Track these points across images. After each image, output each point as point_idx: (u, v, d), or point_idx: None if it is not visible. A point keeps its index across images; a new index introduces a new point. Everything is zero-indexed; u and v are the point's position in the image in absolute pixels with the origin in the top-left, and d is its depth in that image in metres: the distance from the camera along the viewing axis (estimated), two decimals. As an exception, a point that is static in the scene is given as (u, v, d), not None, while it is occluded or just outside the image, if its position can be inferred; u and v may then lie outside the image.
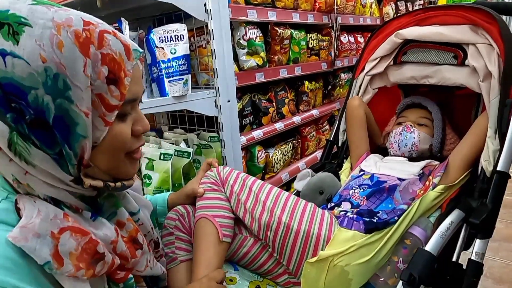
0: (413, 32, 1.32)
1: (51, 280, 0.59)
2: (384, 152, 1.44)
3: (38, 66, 0.54)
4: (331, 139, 1.56)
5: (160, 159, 1.56)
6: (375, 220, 1.03)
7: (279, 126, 2.26)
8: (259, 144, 2.19)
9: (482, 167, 1.11)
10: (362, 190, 1.17)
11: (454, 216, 1.02)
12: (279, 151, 2.33)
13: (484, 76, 1.15)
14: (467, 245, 1.06)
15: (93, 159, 0.64)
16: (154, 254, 0.87)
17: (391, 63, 1.41)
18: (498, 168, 1.05)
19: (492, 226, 1.01)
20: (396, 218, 1.04)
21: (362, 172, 1.27)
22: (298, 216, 1.01)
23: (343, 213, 1.08)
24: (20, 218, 0.58)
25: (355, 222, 1.02)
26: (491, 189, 1.04)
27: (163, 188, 1.55)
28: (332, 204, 1.17)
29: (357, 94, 1.53)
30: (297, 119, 2.44)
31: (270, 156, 2.25)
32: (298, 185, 1.29)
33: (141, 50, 0.69)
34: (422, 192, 1.15)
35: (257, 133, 2.10)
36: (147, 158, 1.56)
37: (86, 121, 0.59)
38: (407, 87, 1.59)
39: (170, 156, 1.55)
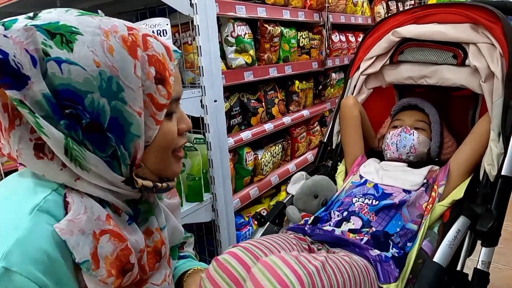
0: (411, 30, 1.29)
1: (75, 285, 0.60)
2: (378, 155, 1.40)
3: (93, 70, 0.58)
4: (324, 140, 1.52)
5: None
6: (397, 255, 0.98)
7: (268, 127, 2.22)
8: (248, 146, 2.14)
9: (485, 171, 1.09)
10: (368, 200, 1.13)
11: (460, 223, 0.99)
12: (269, 153, 2.29)
13: (486, 76, 1.13)
14: (469, 252, 1.04)
15: (143, 159, 0.67)
16: None
17: (387, 62, 1.38)
18: (503, 173, 1.03)
19: (498, 234, 0.99)
20: (408, 244, 1.02)
21: (364, 180, 1.23)
22: None
23: (359, 238, 1.03)
24: (67, 212, 0.60)
25: (388, 271, 0.95)
26: (496, 194, 1.02)
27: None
28: (338, 218, 1.11)
29: (352, 94, 1.49)
30: (287, 119, 2.39)
31: (259, 158, 2.21)
32: (291, 189, 1.25)
33: (180, 51, 0.72)
34: (430, 206, 1.12)
35: (246, 134, 2.05)
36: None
37: (139, 120, 0.63)
38: (402, 88, 1.57)
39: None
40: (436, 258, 0.91)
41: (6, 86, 0.55)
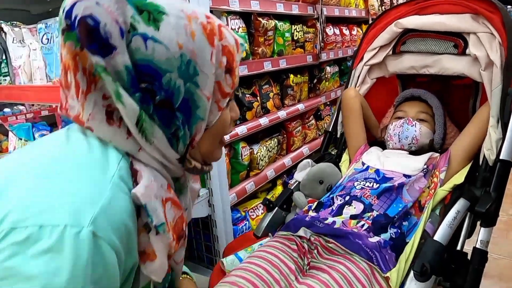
0: (413, 21, 1.38)
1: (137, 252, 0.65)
2: (381, 145, 1.48)
3: (175, 52, 0.63)
4: (329, 130, 1.60)
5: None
6: (394, 235, 1.06)
7: (263, 121, 2.26)
8: (243, 141, 2.18)
9: (484, 156, 1.18)
10: (369, 183, 1.20)
11: (459, 205, 1.08)
12: (264, 147, 2.33)
13: (486, 65, 1.22)
14: (469, 234, 1.12)
15: (198, 142, 0.72)
16: None
17: (390, 52, 1.47)
18: (501, 157, 1.12)
19: (496, 215, 1.08)
20: (404, 223, 1.10)
21: (366, 166, 1.31)
22: None
23: (360, 225, 1.09)
24: (135, 180, 0.64)
25: (387, 257, 1.01)
26: (495, 177, 1.11)
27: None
28: (340, 202, 1.18)
29: (356, 84, 1.58)
30: (282, 113, 2.44)
31: (255, 152, 2.24)
32: (298, 175, 1.33)
33: (245, 45, 0.78)
34: (432, 191, 1.20)
35: (241, 129, 2.08)
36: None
37: (206, 105, 0.68)
38: (405, 77, 1.65)
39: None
40: (436, 237, 0.99)
41: (92, 51, 0.60)
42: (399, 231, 1.09)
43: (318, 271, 0.97)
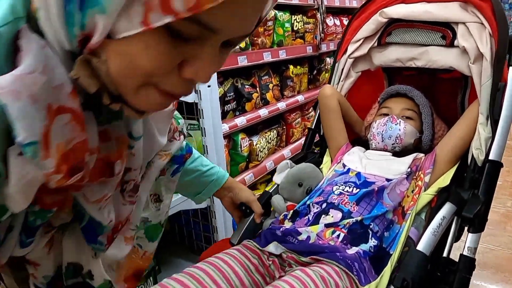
0: (399, 10, 1.23)
1: None
2: (364, 145, 1.35)
3: None
4: (312, 127, 1.47)
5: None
6: (372, 250, 0.94)
7: (263, 112, 2.19)
8: (242, 132, 2.13)
9: (472, 156, 1.05)
10: (348, 188, 1.08)
11: (445, 210, 0.95)
12: (263, 139, 2.27)
13: (475, 57, 1.08)
14: (456, 238, 1.00)
15: (105, 54, 0.43)
16: (125, 197, 0.67)
17: (375, 44, 1.32)
18: (490, 157, 0.99)
19: (485, 219, 0.96)
20: (385, 233, 0.98)
21: (347, 168, 1.18)
22: None
23: (335, 236, 0.97)
24: (14, 61, 0.40)
25: (366, 269, 0.90)
26: (483, 179, 0.99)
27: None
28: (316, 210, 1.06)
29: (339, 78, 1.44)
30: (281, 105, 2.36)
31: (254, 144, 2.19)
32: (277, 178, 1.20)
33: None
34: (416, 196, 1.07)
35: (240, 120, 2.03)
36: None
37: None
38: (391, 71, 1.51)
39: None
40: (419, 247, 0.88)
41: None
42: (380, 243, 0.96)
43: (291, 272, 0.85)
